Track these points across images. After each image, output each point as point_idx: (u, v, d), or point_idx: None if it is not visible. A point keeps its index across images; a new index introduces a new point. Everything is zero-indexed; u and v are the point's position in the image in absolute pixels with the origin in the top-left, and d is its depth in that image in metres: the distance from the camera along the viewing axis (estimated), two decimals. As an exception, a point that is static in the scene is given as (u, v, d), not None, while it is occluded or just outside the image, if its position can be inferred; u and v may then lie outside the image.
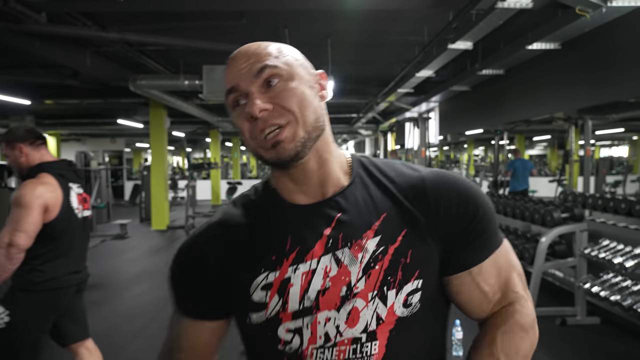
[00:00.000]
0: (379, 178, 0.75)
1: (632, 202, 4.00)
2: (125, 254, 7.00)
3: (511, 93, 6.16)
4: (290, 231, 0.71)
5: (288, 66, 0.70)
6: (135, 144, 20.00)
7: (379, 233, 0.69)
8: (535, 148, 24.83)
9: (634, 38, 3.90)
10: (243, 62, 0.69)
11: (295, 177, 0.72)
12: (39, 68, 6.71)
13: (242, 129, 0.69)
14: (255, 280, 0.70)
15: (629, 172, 13.81)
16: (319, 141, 0.71)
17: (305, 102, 0.68)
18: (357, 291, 0.67)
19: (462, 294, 0.73)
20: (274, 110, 0.67)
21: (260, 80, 0.68)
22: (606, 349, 3.31)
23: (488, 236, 0.73)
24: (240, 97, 0.69)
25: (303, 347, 0.67)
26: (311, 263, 0.68)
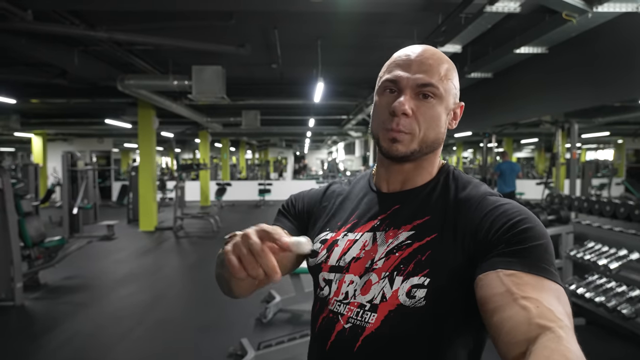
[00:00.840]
0: (450, 187, 0.83)
1: (617, 205, 4.06)
2: (112, 255, 6.93)
3: (499, 96, 6.23)
4: (360, 208, 0.88)
5: (445, 92, 0.81)
6: (124, 145, 19.79)
7: (414, 229, 0.79)
8: (523, 151, 25.10)
9: (619, 43, 3.96)
10: (416, 65, 0.80)
11: (389, 169, 0.86)
12: (25, 66, 6.61)
13: (378, 112, 0.82)
14: (319, 235, 0.89)
15: (614, 175, 14.03)
16: (427, 155, 0.84)
17: (435, 125, 0.81)
18: (375, 267, 0.78)
19: (482, 288, 0.65)
20: (411, 118, 0.79)
21: (418, 90, 0.79)
22: (591, 349, 3.34)
23: (534, 258, 0.65)
24: (394, 88, 0.80)
25: (329, 297, 0.82)
26: (357, 235, 0.84)
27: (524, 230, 0.68)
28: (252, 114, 9.83)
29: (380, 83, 0.84)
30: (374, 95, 0.87)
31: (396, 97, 0.80)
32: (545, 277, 0.63)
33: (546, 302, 0.58)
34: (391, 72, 0.81)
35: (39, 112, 11.03)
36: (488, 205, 0.75)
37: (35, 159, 14.38)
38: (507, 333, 0.57)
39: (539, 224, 0.69)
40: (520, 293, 0.60)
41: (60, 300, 4.60)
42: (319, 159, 27.19)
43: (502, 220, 0.71)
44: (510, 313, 0.58)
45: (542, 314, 0.56)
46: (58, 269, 5.35)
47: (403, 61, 0.81)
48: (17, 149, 20.97)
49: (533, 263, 0.64)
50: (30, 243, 5.03)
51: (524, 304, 0.58)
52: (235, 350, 3.19)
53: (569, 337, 0.53)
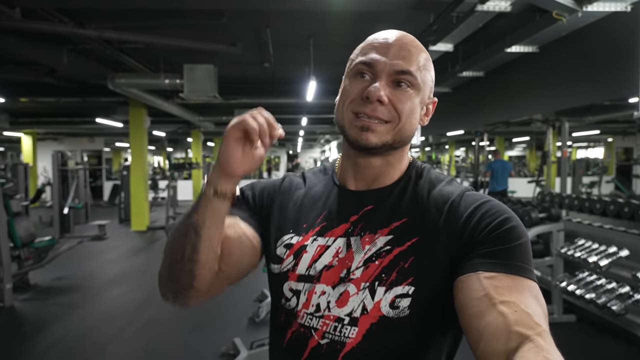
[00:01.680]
0: (421, 185, 0.78)
1: (607, 203, 4.10)
2: (103, 255, 6.87)
3: (491, 95, 6.26)
4: (326, 208, 0.80)
5: (422, 83, 0.75)
6: (115, 144, 19.64)
7: (392, 233, 0.73)
8: (514, 149, 25.26)
9: (609, 42, 4.00)
10: (394, 50, 0.73)
11: (357, 163, 0.79)
12: (13, 65, 6.53)
13: (348, 96, 0.74)
14: (282, 237, 0.80)
15: (604, 173, 14.17)
16: (396, 150, 0.77)
17: (411, 117, 0.74)
18: (353, 277, 0.72)
19: (462, 290, 0.63)
20: (387, 105, 0.72)
21: (395, 77, 0.72)
22: (582, 346, 3.39)
23: (513, 258, 0.65)
24: (369, 72, 0.73)
25: (297, 308, 0.75)
26: (328, 240, 0.76)
27: (507, 231, 0.67)
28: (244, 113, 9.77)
29: (352, 66, 0.76)
30: (343, 79, 0.78)
31: (370, 83, 0.72)
32: (524, 277, 0.63)
33: (524, 305, 0.58)
34: (366, 55, 0.74)
35: (29, 111, 10.91)
36: (470, 203, 0.72)
37: (25, 159, 14.23)
38: (486, 342, 0.57)
39: (520, 222, 0.69)
40: (498, 297, 0.59)
41: (51, 301, 4.56)
42: (312, 157, 27.18)
43: (486, 220, 0.68)
44: (489, 319, 0.58)
45: (520, 319, 0.56)
46: (48, 269, 5.30)
47: (380, 44, 0.74)
48: (7, 148, 20.72)
49: (514, 264, 0.64)
50: (20, 243, 4.98)
51: (502, 310, 0.58)
52: (227, 350, 3.18)
53: (547, 345, 0.53)
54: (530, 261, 0.66)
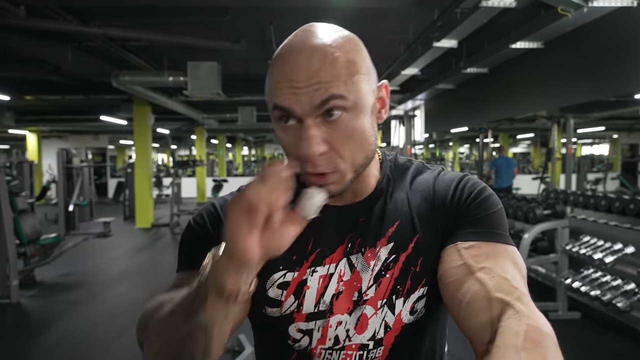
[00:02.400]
0: (401, 179, 0.74)
1: (612, 199, 4.08)
2: (108, 252, 6.91)
3: (495, 91, 6.23)
4: (314, 232, 0.68)
5: (356, 95, 0.60)
6: (119, 141, 19.71)
7: (391, 240, 0.69)
8: (519, 146, 25.17)
9: (614, 38, 3.97)
10: (304, 77, 0.58)
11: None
12: (18, 63, 6.56)
13: (286, 147, 0.62)
14: (272, 277, 0.69)
15: (609, 170, 14.11)
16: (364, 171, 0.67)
17: (362, 144, 0.63)
18: (366, 298, 0.67)
19: (441, 263, 0.65)
20: (328, 152, 0.60)
21: (320, 111, 0.58)
22: (586, 343, 3.38)
23: (489, 225, 0.66)
24: (290, 118, 0.60)
25: (312, 347, 0.68)
26: (329, 267, 0.68)
27: (482, 200, 0.68)
28: (248, 110, 9.80)
29: (272, 105, 0.61)
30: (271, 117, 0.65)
31: (298, 128, 0.59)
32: (500, 242, 0.64)
33: (501, 271, 0.59)
34: (277, 95, 0.59)
35: (33, 108, 10.96)
36: (449, 183, 0.71)
37: (30, 156, 14.30)
38: (466, 309, 0.57)
39: (493, 192, 0.70)
40: (476, 265, 0.60)
41: (56, 298, 4.59)
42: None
43: (465, 193, 0.69)
44: (467, 286, 0.58)
45: (498, 285, 0.56)
46: (54, 266, 5.33)
47: (284, 76, 0.59)
48: (12, 146, 20.83)
49: (489, 231, 0.65)
50: (26, 240, 5.01)
51: (479, 276, 0.58)
52: (232, 346, 3.19)
53: (527, 309, 0.53)
54: (505, 228, 0.67)
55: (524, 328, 0.50)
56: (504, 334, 0.51)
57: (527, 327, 0.51)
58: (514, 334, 0.50)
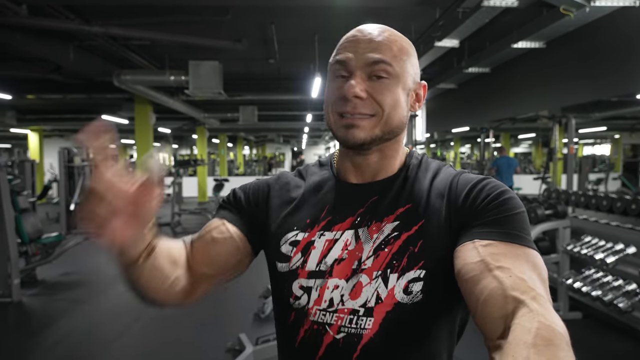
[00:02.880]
0: (422, 172, 0.79)
1: (614, 200, 4.07)
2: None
3: (497, 91, 6.22)
4: (329, 202, 0.79)
5: (400, 69, 0.73)
6: (121, 140, 19.73)
7: (398, 219, 0.73)
8: (520, 146, 25.13)
9: (616, 37, 3.96)
10: (365, 43, 0.72)
11: (355, 162, 0.79)
12: (20, 62, 6.57)
13: (329, 99, 0.75)
14: (286, 235, 0.78)
15: (610, 170, 14.07)
16: (389, 142, 0.77)
17: (396, 107, 0.73)
18: (364, 267, 0.72)
19: (458, 258, 0.65)
20: (366, 100, 0.71)
21: (370, 70, 0.71)
22: (587, 343, 3.37)
23: (510, 227, 0.66)
24: (344, 71, 0.73)
25: (309, 306, 0.74)
26: (336, 234, 0.75)
27: (503, 202, 0.68)
28: (249, 109, 9.80)
29: (330, 67, 0.76)
30: (327, 82, 0.79)
31: (346, 81, 0.72)
32: (521, 245, 0.64)
33: (518, 271, 0.59)
34: (339, 54, 0.74)
35: (35, 108, 10.98)
36: (469, 181, 0.73)
37: (31, 155, 14.32)
38: (482, 305, 0.58)
39: (516, 196, 0.71)
40: (494, 263, 0.61)
41: (58, 297, 4.60)
42: (317, 154, 27.19)
43: (483, 193, 0.70)
44: (485, 283, 0.59)
45: (515, 284, 0.57)
46: (55, 265, 5.34)
47: (350, 42, 0.74)
48: (14, 145, 20.87)
49: (510, 232, 0.65)
50: (27, 239, 5.02)
51: (497, 274, 0.59)
52: (233, 346, 3.19)
53: (542, 309, 0.54)
54: (527, 230, 0.67)
55: (535, 325, 0.51)
56: (516, 331, 0.51)
57: (539, 324, 0.51)
58: (525, 330, 0.51)
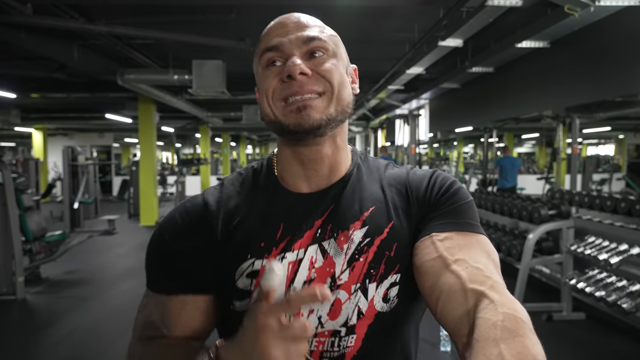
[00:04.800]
0: (372, 170, 0.76)
1: (618, 200, 4.05)
2: (113, 250, 6.94)
3: (501, 91, 6.20)
4: (283, 218, 0.69)
5: (334, 45, 0.70)
6: (124, 139, 19.78)
7: (366, 224, 0.68)
8: (523, 146, 25.04)
9: (621, 37, 3.94)
10: (292, 26, 0.68)
11: (306, 158, 0.70)
12: (24, 60, 6.59)
13: (268, 88, 0.67)
14: (240, 267, 0.67)
15: (615, 171, 14.02)
16: (339, 127, 0.71)
17: (343, 82, 0.69)
18: (340, 283, 0.66)
19: (417, 255, 0.65)
20: (313, 77, 0.66)
21: (306, 48, 0.67)
22: (591, 344, 3.36)
23: (461, 216, 0.68)
24: (279, 58, 0.67)
25: None
26: (298, 253, 0.67)
27: (453, 193, 0.70)
28: (252, 108, 9.80)
29: (259, 59, 0.69)
30: (256, 78, 0.71)
31: (284, 66, 0.66)
32: (473, 232, 0.67)
33: (473, 261, 0.61)
34: (269, 41, 0.68)
35: (39, 106, 11.01)
36: (423, 176, 0.74)
37: (35, 154, 14.38)
38: (444, 302, 0.59)
39: (463, 186, 0.73)
40: (450, 257, 0.62)
41: (61, 295, 4.62)
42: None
43: (437, 186, 0.71)
44: (444, 279, 0.60)
45: (472, 276, 0.58)
46: (59, 263, 5.36)
47: (277, 27, 0.69)
48: (18, 143, 20.95)
49: (462, 221, 0.67)
50: (32, 237, 5.04)
51: (455, 269, 0.60)
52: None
53: (501, 297, 0.55)
54: (476, 218, 0.70)
55: (500, 317, 0.52)
56: (482, 326, 0.52)
57: (504, 316, 0.52)
58: (491, 325, 0.51)
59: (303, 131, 0.65)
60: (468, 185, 13.00)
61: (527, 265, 3.82)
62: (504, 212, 4.71)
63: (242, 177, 0.76)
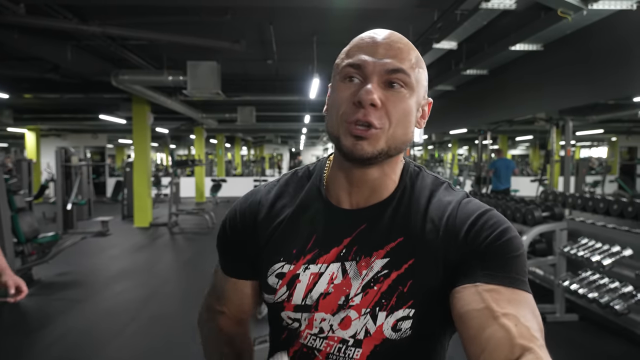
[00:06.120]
0: (416, 195, 0.74)
1: (610, 202, 4.08)
2: (106, 251, 6.89)
3: (494, 93, 6.24)
4: (317, 230, 0.74)
5: (416, 82, 0.69)
6: (118, 140, 19.68)
7: (388, 255, 0.70)
8: (517, 148, 25.20)
9: (613, 40, 3.98)
10: (383, 49, 0.67)
11: (351, 176, 0.73)
12: (17, 61, 6.55)
13: (340, 104, 0.68)
14: (272, 266, 0.75)
15: (607, 173, 14.12)
16: (392, 158, 0.71)
17: (406, 120, 0.68)
18: (352, 304, 0.70)
19: (459, 301, 0.63)
20: (380, 110, 0.66)
21: (387, 77, 0.67)
22: (584, 345, 3.38)
23: (511, 270, 0.65)
24: (358, 75, 0.67)
25: (301, 329, 0.74)
26: (321, 267, 0.72)
27: (506, 243, 0.66)
28: (247, 110, 9.79)
29: (339, 70, 0.70)
30: (330, 87, 0.73)
31: (360, 86, 0.67)
32: (522, 290, 0.64)
33: (523, 320, 0.59)
34: (353, 57, 0.68)
35: (32, 107, 10.94)
36: (470, 214, 0.69)
37: (28, 155, 14.28)
38: (489, 353, 0.57)
39: (517, 234, 0.69)
40: (499, 310, 0.60)
41: (54, 297, 4.58)
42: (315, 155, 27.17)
43: (486, 231, 0.67)
44: (491, 331, 0.58)
45: (521, 333, 0.57)
46: (52, 265, 5.32)
47: (367, 44, 0.68)
48: (10, 144, 20.79)
49: (512, 276, 0.64)
50: (24, 239, 5.00)
51: (504, 323, 0.58)
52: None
53: (546, 356, 0.55)
54: (526, 273, 0.66)
55: None
56: None
57: None
58: None
59: (354, 159, 0.68)
60: (462, 187, 13.06)
61: (520, 267, 3.84)
62: (497, 213, 4.73)
63: (298, 177, 0.82)
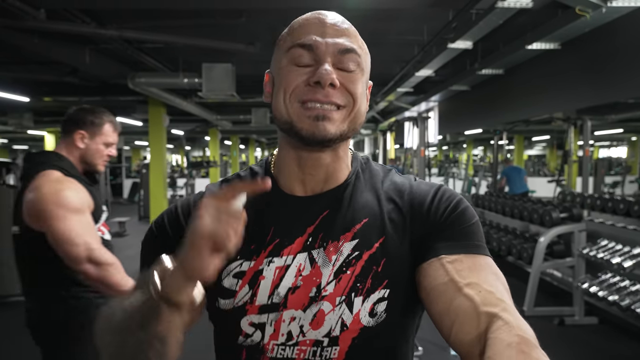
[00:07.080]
0: (370, 180, 0.74)
1: (631, 203, 4.00)
2: (123, 251, 6.96)
3: (511, 93, 6.17)
4: (274, 222, 0.69)
5: (365, 63, 0.70)
6: (134, 142, 19.97)
7: (356, 237, 0.68)
8: (534, 148, 24.85)
9: (633, 38, 3.90)
10: (332, 29, 0.66)
11: (304, 163, 0.70)
12: (37, 65, 6.69)
13: (288, 85, 0.65)
14: (228, 266, 0.68)
15: (627, 173, 13.83)
16: (345, 142, 0.71)
17: (362, 100, 0.68)
18: (325, 294, 0.65)
19: (426, 278, 0.64)
20: (339, 89, 0.65)
21: (340, 58, 0.65)
22: (604, 349, 3.32)
23: (470, 238, 0.67)
24: (310, 56, 0.65)
25: (264, 342, 0.66)
26: (287, 259, 0.67)
27: (461, 213, 0.68)
28: (261, 111, 9.85)
29: (287, 50, 0.67)
30: (273, 68, 0.70)
31: (314, 67, 0.65)
32: (482, 254, 0.65)
33: (486, 285, 0.60)
34: (302, 37, 0.66)
35: (52, 110, 11.16)
36: (427, 190, 0.71)
37: (48, 157, 14.55)
38: (458, 327, 0.58)
39: (469, 205, 0.71)
40: (462, 281, 0.61)
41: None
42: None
43: (443, 204, 0.69)
44: (457, 304, 0.59)
45: (485, 299, 0.58)
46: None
47: (315, 24, 0.67)
48: (31, 146, 21.25)
49: (471, 243, 0.66)
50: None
51: (467, 293, 0.59)
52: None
53: (515, 320, 0.55)
54: (483, 239, 0.68)
55: (515, 340, 0.51)
56: (496, 346, 0.51)
57: (519, 338, 0.51)
58: (506, 345, 0.51)
59: (315, 141, 0.65)
60: (478, 188, 12.93)
61: (538, 269, 3.79)
62: (514, 214, 4.67)
63: (241, 177, 0.78)
